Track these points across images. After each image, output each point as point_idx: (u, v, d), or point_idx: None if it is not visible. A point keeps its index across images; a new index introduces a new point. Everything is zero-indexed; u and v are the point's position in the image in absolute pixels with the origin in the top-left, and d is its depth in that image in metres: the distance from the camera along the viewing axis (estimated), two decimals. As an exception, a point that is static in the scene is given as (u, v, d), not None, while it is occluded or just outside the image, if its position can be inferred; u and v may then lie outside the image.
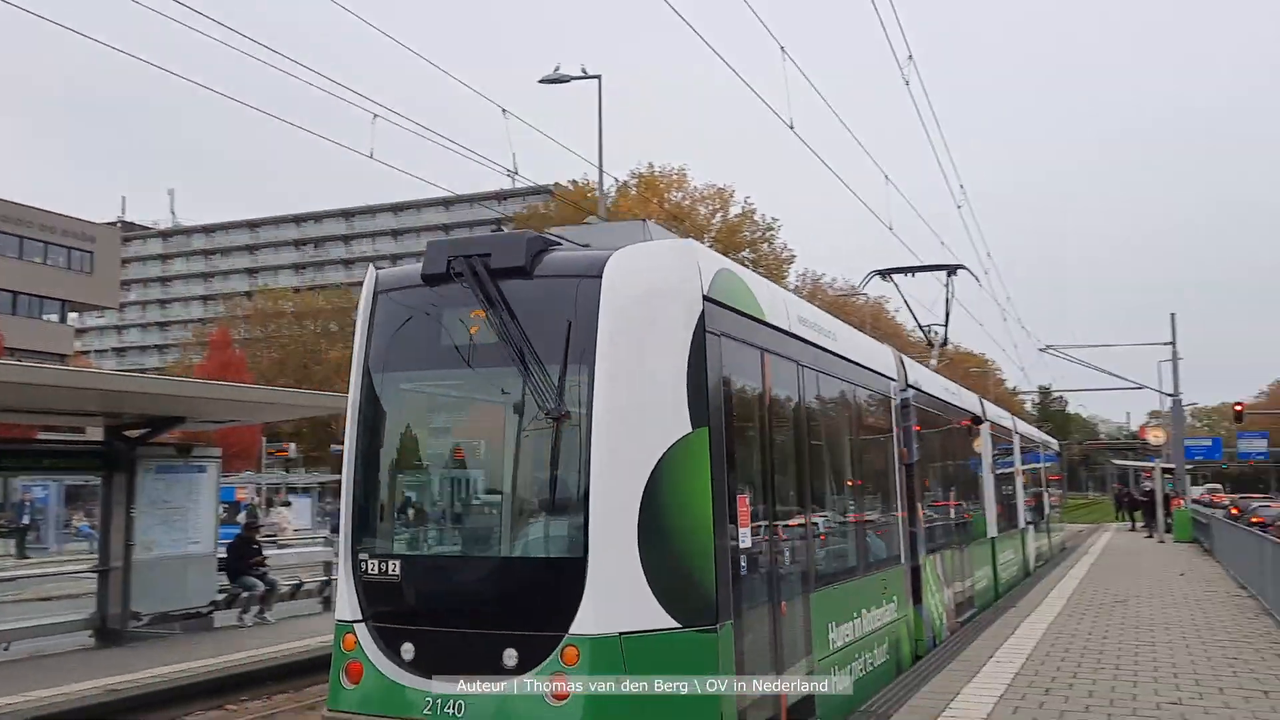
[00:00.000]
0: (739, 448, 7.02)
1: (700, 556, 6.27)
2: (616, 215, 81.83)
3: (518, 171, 18.34)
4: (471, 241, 6.98)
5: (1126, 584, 19.23)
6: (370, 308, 7.25)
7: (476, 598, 6.52)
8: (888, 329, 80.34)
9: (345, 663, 6.56)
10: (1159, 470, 38.74)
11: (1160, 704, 8.77)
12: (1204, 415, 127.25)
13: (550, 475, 6.56)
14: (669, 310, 6.50)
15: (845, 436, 10.20)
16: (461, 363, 6.78)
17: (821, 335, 9.39)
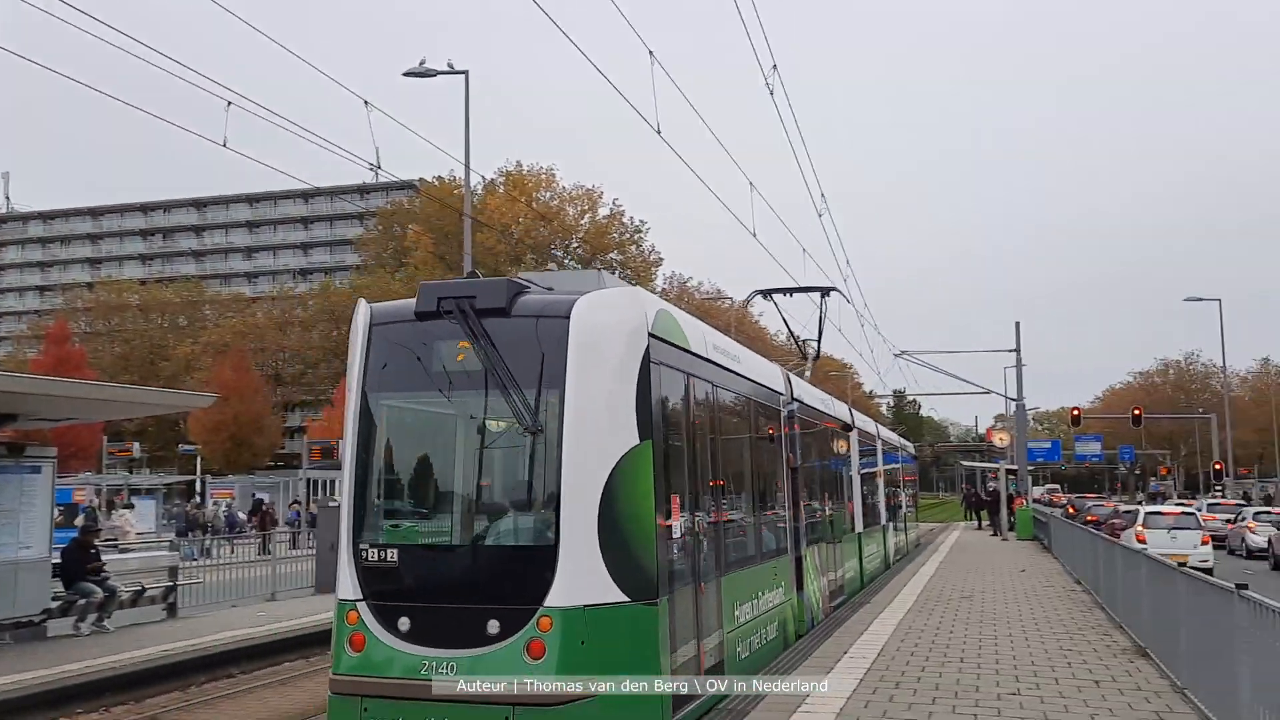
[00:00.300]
0: (671, 455, 8.43)
1: (645, 545, 7.69)
2: (483, 213, 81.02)
3: (380, 166, 17.93)
4: (459, 285, 8.41)
5: (972, 581, 20.04)
6: (367, 337, 8.39)
7: (463, 579, 7.86)
8: (752, 333, 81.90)
9: (349, 634, 7.78)
10: (1003, 471, 40.60)
11: (1001, 694, 9.16)
12: (1045, 419, 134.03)
13: (527, 478, 8.01)
14: (622, 346, 7.89)
15: (748, 444, 11.61)
16: (449, 385, 8.14)
17: (730, 359, 10.92)
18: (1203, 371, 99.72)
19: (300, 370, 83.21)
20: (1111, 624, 13.64)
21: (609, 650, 7.46)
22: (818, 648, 11.69)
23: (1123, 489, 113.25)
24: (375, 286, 78.69)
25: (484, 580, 7.84)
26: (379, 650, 7.64)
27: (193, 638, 13.43)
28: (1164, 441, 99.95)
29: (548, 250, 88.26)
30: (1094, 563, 17.14)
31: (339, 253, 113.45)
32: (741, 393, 11.31)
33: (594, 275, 9.20)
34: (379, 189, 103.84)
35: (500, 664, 7.31)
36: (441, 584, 7.87)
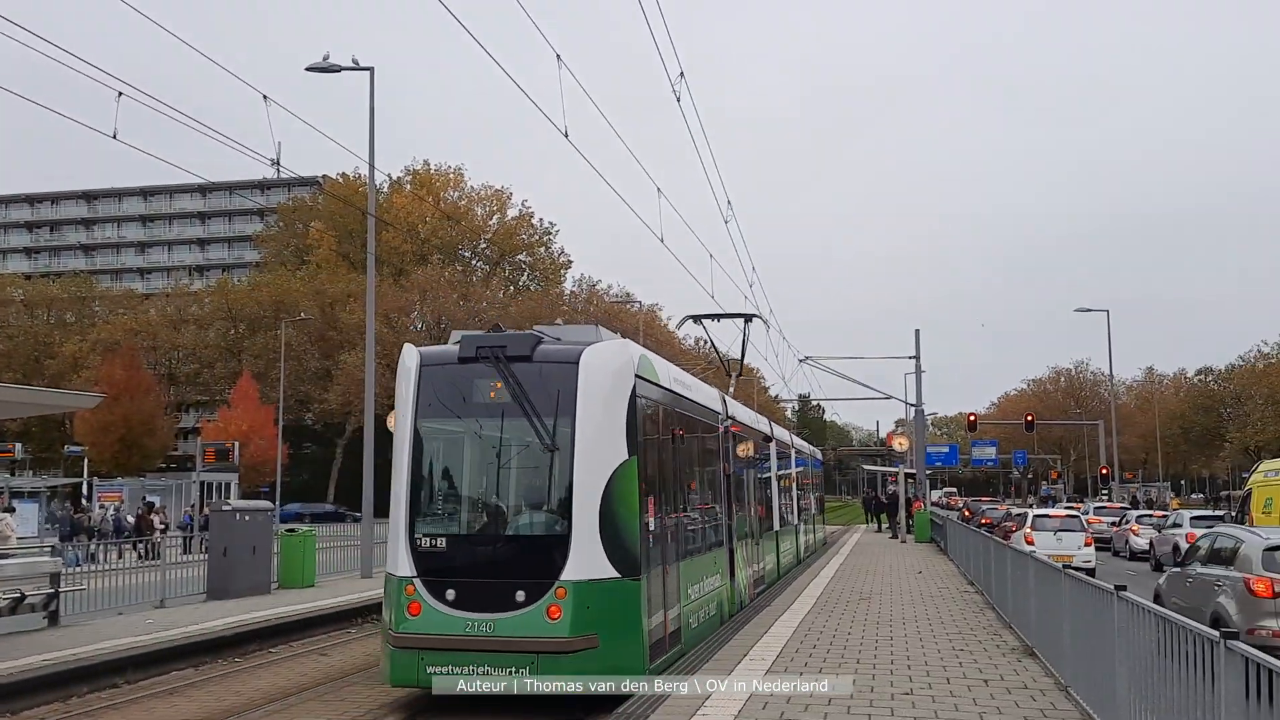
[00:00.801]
0: (648, 467, 10.96)
1: (632, 535, 10.28)
2: (389, 212, 79.77)
3: (280, 162, 17.51)
4: (493, 337, 10.96)
5: (870, 583, 20.43)
6: (418, 375, 10.91)
7: (496, 560, 10.35)
8: (661, 338, 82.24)
9: (407, 603, 10.11)
10: (902, 475, 41.48)
11: (895, 694, 9.34)
12: (944, 424, 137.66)
13: (546, 484, 10.58)
14: (617, 385, 10.52)
15: (697, 456, 14.22)
16: (486, 413, 10.76)
17: (684, 389, 13.53)
18: (1092, 380, 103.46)
19: (195, 369, 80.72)
20: (1001, 624, 14.03)
21: (606, 612, 10.03)
22: (722, 648, 11.77)
23: (1016, 493, 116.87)
24: (275, 284, 76.87)
25: (513, 561, 10.36)
26: (432, 614, 10.03)
27: (75, 646, 12.90)
28: (1055, 446, 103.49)
29: (455, 250, 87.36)
30: (986, 565, 17.62)
31: (238, 249, 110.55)
32: (693, 414, 13.89)
33: (593, 329, 11.97)
34: (280, 185, 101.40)
35: (526, 623, 9.81)
36: (479, 564, 10.38)
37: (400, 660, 10.14)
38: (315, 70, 22.58)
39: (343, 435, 71.34)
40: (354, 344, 64.75)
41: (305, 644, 15.33)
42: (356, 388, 54.90)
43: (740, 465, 17.64)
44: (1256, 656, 4.78)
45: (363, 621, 17.33)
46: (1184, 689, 5.87)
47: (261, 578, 19.18)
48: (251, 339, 76.11)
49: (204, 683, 12.55)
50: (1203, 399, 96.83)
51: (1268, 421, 73.74)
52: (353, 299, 68.51)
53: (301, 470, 76.27)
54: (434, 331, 71.91)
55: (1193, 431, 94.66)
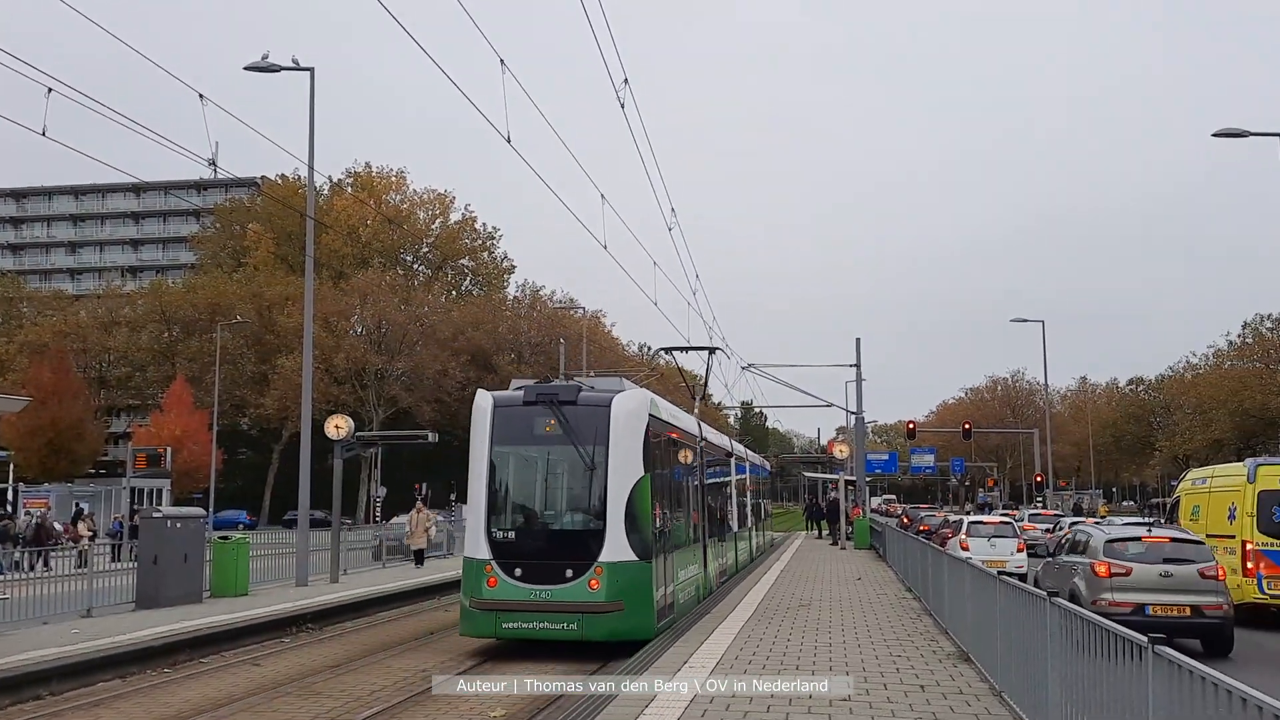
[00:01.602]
0: (655, 481, 15.00)
1: (646, 531, 14.33)
2: (329, 215, 78.69)
3: (217, 162, 17.19)
4: (548, 387, 15.32)
5: (810, 589, 20.56)
6: (492, 413, 14.86)
7: (551, 547, 14.44)
8: (605, 343, 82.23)
9: (486, 578, 14.05)
10: (843, 482, 41.86)
11: (833, 700, 9.39)
12: (883, 432, 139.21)
13: (587, 493, 14.66)
14: (636, 423, 14.65)
15: (683, 471, 18.31)
16: (542, 442, 14.97)
17: (675, 419, 18.19)
18: (1027, 389, 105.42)
19: (127, 373, 78.87)
20: (938, 630, 14.20)
21: (629, 585, 14.02)
22: (658, 659, 11.74)
23: (954, 499, 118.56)
24: (211, 287, 75.43)
25: (563, 548, 14.44)
26: (505, 585, 14.07)
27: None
28: (992, 454, 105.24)
29: (396, 254, 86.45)
30: (923, 571, 17.83)
31: (173, 250, 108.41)
32: (681, 440, 18.14)
33: (618, 380, 16.48)
34: (217, 186, 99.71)
35: (573, 592, 13.90)
36: (539, 550, 14.41)
37: (480, 618, 14.29)
38: (254, 70, 22.20)
39: (279, 441, 70.18)
40: (292, 348, 63.75)
41: (238, 653, 15.02)
42: (294, 392, 54.02)
43: (710, 477, 21.64)
44: (1180, 660, 4.87)
45: (297, 631, 17.03)
46: (1114, 691, 5.97)
47: (193, 586, 18.77)
48: (186, 342, 74.55)
49: (132, 694, 12.23)
50: (1134, 408, 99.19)
51: (1195, 431, 75.64)
52: (291, 302, 67.44)
53: (236, 476, 74.88)
54: (374, 336, 71.11)
55: (1124, 440, 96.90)
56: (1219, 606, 14.74)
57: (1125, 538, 15.92)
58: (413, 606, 21.16)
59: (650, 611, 14.25)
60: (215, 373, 59.05)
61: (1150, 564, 14.99)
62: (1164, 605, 14.54)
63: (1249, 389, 65.61)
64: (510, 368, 75.37)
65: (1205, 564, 15.18)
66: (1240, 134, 27.05)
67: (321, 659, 14.55)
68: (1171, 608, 14.53)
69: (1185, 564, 15.08)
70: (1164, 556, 15.15)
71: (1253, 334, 71.48)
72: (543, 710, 10.72)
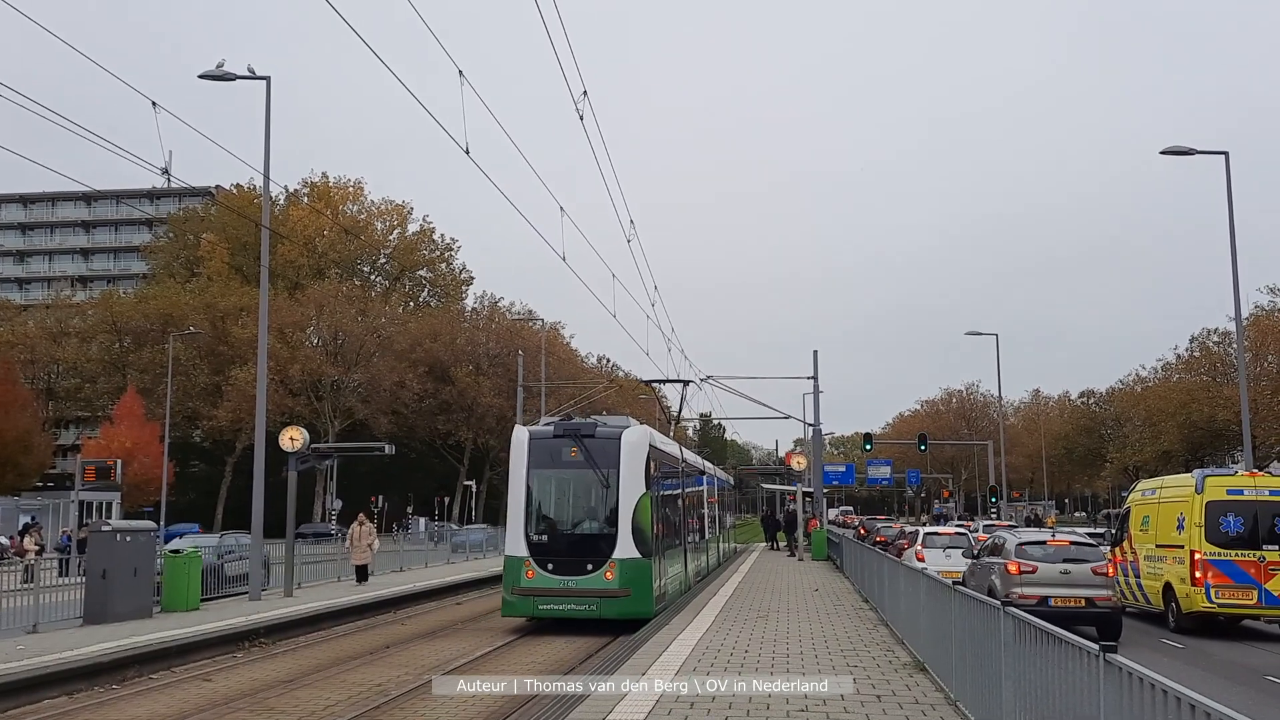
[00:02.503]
0: (653, 496, 18.97)
1: (647, 536, 18.46)
2: (285, 225, 77.87)
3: (171, 171, 16.96)
4: (571, 424, 19.37)
5: (768, 600, 20.61)
6: (528, 444, 18.94)
7: (576, 546, 18.51)
8: (564, 355, 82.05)
9: (525, 570, 18.06)
10: (800, 494, 42.03)
11: (790, 711, 9.41)
12: (841, 444, 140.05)
13: (603, 505, 18.73)
14: (640, 451, 18.85)
15: (671, 488, 22.53)
16: (568, 466, 18.79)
17: (667, 446, 22.88)
18: (982, 401, 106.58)
19: (76, 384, 77.43)
20: (894, 640, 14.28)
21: (635, 576, 18.01)
22: (617, 670, 11.71)
23: (910, 511, 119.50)
24: (164, 297, 74.30)
25: (585, 547, 18.46)
26: (540, 577, 18.04)
27: (-64, 676, 12.17)
28: (947, 466, 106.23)
29: (353, 265, 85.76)
30: (879, 582, 17.94)
31: (124, 260, 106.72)
32: (669, 463, 22.45)
33: (626, 418, 20.93)
34: (171, 195, 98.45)
35: (593, 581, 17.87)
36: (566, 548, 18.45)
37: (520, 602, 18.49)
38: (209, 78, 21.97)
39: (233, 453, 69.22)
40: (246, 359, 62.96)
41: (189, 669, 14.77)
42: (248, 404, 53.26)
43: (689, 492, 25.72)
44: (1132, 667, 4.95)
45: (250, 645, 16.78)
46: (1067, 699, 6.03)
47: (143, 601, 18.43)
48: (137, 353, 73.28)
49: (79, 711, 11.97)
50: (1085, 420, 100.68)
51: (1145, 443, 76.84)
52: (246, 313, 66.62)
53: (189, 489, 73.73)
54: (330, 347, 70.46)
55: (1076, 451, 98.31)
56: (1108, 599, 17.62)
57: (1033, 541, 18.84)
58: (369, 620, 20.94)
59: (650, 597, 18.50)
60: (167, 384, 58.11)
61: (1052, 563, 17.79)
62: (1063, 597, 17.23)
63: (1196, 402, 66.80)
64: (468, 379, 75.05)
65: (1097, 563, 18.05)
66: (1187, 152, 27.63)
67: (275, 674, 14.34)
68: (1069, 599, 17.26)
69: (1081, 563, 17.84)
70: (1064, 557, 17.95)
71: (1200, 348, 72.86)
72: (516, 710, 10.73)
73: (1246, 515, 18.27)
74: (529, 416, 53.65)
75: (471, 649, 16.26)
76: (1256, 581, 17.84)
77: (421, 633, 18.97)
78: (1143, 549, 20.69)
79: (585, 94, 16.81)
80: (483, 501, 79.30)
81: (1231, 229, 27.45)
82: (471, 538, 43.65)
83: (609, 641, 16.54)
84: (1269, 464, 61.07)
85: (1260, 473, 19.91)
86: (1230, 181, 27.40)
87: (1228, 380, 63.98)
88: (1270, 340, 60.33)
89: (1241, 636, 18.37)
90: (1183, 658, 15.52)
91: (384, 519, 62.46)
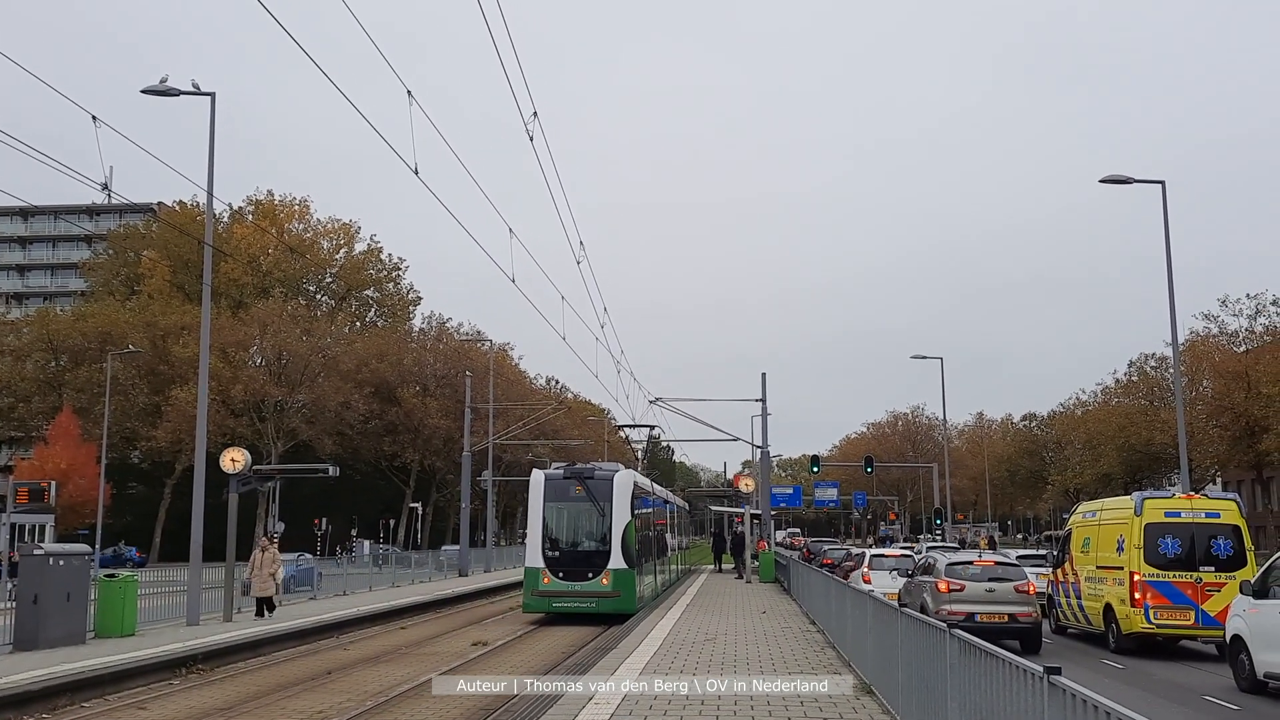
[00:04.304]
0: (636, 522, 25.80)
1: (632, 553, 25.10)
2: (229, 243, 76.76)
3: (111, 186, 16.65)
4: (575, 468, 26.91)
5: (716, 623, 20.57)
6: (543, 483, 25.66)
7: (580, 559, 25.14)
8: (512, 376, 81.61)
9: (542, 577, 24.78)
10: (748, 515, 42.13)
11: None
12: (789, 466, 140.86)
13: (600, 529, 25.28)
14: (627, 488, 25.62)
15: (647, 515, 28.42)
16: (573, 499, 25.56)
17: (645, 483, 29.51)
18: (927, 424, 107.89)
19: (10, 403, 75.36)
20: (841, 663, 14.31)
21: (624, 582, 24.53)
22: (562, 695, 11.59)
23: (856, 533, 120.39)
24: (102, 315, 72.67)
25: (587, 561, 24.85)
26: (554, 582, 24.57)
27: None
28: (893, 488, 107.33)
29: (299, 284, 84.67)
30: (826, 604, 17.99)
31: (62, 277, 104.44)
32: (646, 497, 28.69)
33: (616, 465, 28.00)
34: (111, 211, 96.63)
35: (593, 585, 24.47)
36: (572, 561, 24.92)
37: (538, 601, 24.78)
38: (152, 93, 21.59)
39: (172, 475, 67.79)
40: (187, 379, 61.80)
41: (122, 697, 14.36)
42: (188, 424, 52.21)
43: (657, 517, 32.02)
44: (1075, 689, 4.98)
45: (186, 672, 16.37)
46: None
47: (76, 626, 17.91)
48: (74, 372, 71.50)
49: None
50: (1027, 443, 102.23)
51: (1085, 465, 78.18)
52: (187, 332, 65.41)
53: (126, 512, 72.03)
54: (274, 367, 69.42)
55: (1019, 474, 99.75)
56: (1030, 615, 18.81)
57: (962, 561, 20.42)
58: (311, 646, 20.55)
59: (635, 598, 24.87)
60: (105, 404, 56.83)
61: (979, 582, 19.13)
62: (988, 614, 18.46)
63: (1135, 425, 68.17)
64: (415, 400, 74.28)
65: (1020, 581, 19.23)
66: (1125, 180, 28.28)
67: (212, 701, 14.00)
68: (994, 615, 18.53)
69: (1005, 582, 19.12)
70: (990, 576, 19.33)
71: (1138, 373, 74.44)
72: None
73: (1184, 537, 18.58)
74: (476, 438, 53.20)
75: (416, 674, 16.01)
76: (1193, 602, 18.14)
77: (365, 658, 18.65)
78: (1084, 570, 20.96)
79: (535, 115, 16.87)
80: (429, 524, 78.44)
81: (1168, 256, 28.10)
82: (416, 560, 42.82)
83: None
84: (1205, 486, 62.51)
85: (1197, 495, 20.29)
86: (1167, 209, 28.07)
87: (1165, 404, 65.41)
88: (1206, 365, 61.79)
89: (1179, 657, 18.66)
90: (1123, 678, 15.73)
91: (328, 542, 61.50)
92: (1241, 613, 14.72)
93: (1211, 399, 62.05)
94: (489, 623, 25.78)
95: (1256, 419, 57.17)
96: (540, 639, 21.75)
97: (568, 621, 24.22)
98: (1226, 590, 17.83)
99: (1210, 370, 61.61)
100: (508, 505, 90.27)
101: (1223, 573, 18.17)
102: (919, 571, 21.85)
